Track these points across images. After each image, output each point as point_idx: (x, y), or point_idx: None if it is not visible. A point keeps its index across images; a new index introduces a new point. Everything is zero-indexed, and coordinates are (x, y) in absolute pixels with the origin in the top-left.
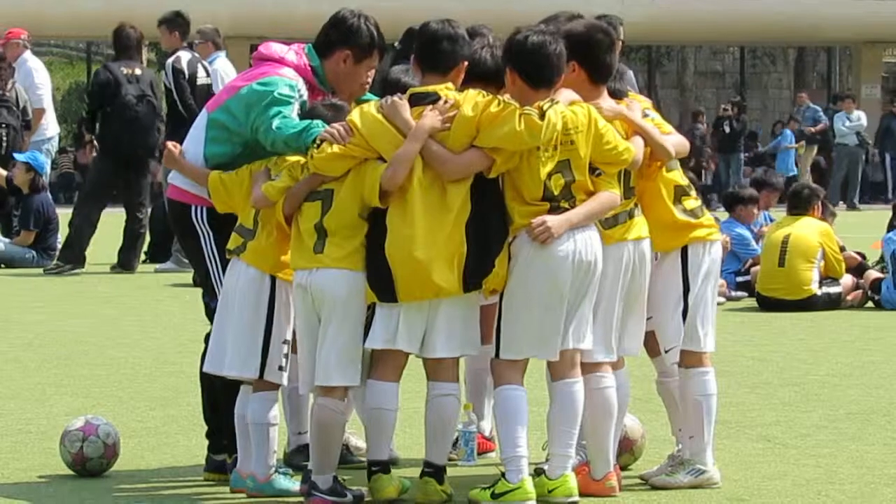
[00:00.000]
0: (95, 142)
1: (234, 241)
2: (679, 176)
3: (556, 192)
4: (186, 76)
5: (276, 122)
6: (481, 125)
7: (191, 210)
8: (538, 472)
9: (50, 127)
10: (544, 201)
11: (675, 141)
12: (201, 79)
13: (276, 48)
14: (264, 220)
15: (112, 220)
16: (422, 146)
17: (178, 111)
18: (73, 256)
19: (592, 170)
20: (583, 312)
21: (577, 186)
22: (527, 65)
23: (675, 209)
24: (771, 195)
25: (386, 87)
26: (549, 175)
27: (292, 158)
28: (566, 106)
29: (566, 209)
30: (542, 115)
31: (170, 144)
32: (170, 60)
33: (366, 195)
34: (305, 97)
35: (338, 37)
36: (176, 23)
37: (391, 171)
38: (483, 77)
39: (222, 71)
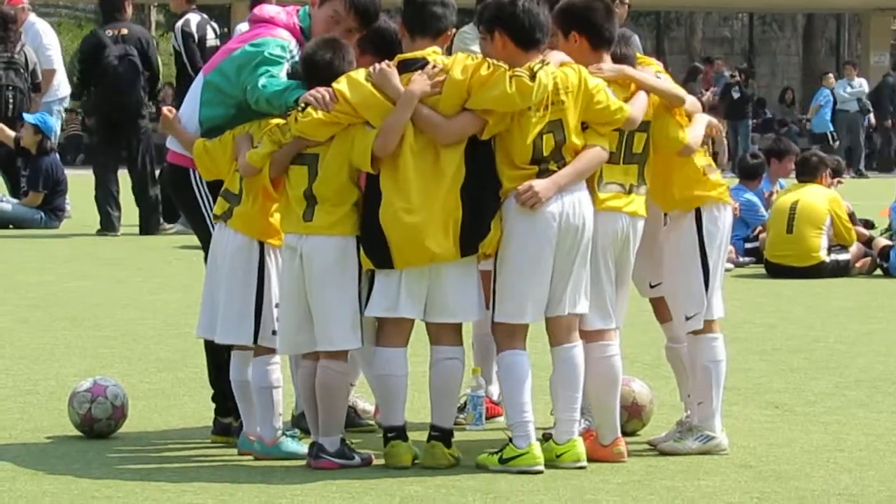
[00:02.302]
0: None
1: (220, 206)
2: (699, 157)
3: (545, 153)
4: (196, 39)
5: (261, 81)
6: (472, 88)
7: (189, 173)
8: (546, 438)
9: (62, 87)
10: (533, 164)
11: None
12: (210, 41)
13: (269, 9)
14: (249, 185)
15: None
16: (412, 112)
17: (189, 74)
18: (107, 223)
19: (584, 127)
20: (577, 277)
21: (567, 147)
22: (516, 27)
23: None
24: (790, 161)
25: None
26: (541, 134)
27: (273, 122)
28: (557, 67)
29: (554, 172)
30: (533, 77)
31: (165, 109)
32: (179, 24)
33: (356, 161)
34: (297, 58)
35: None
36: None
37: (382, 139)
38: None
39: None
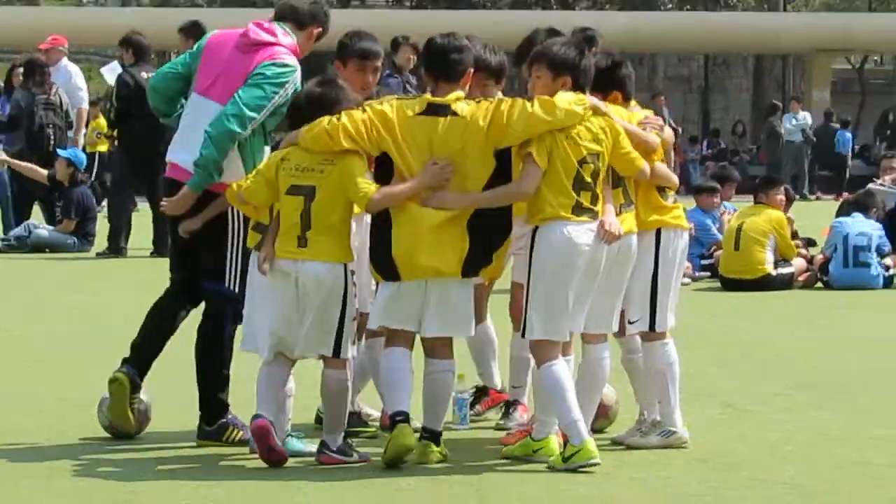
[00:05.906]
0: (117, 140)
1: (252, 239)
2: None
3: (587, 178)
4: None
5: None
6: (496, 127)
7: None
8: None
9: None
10: (575, 188)
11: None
12: None
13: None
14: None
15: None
16: (412, 194)
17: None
18: (116, 247)
19: None
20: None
21: (600, 179)
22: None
23: (656, 192)
24: (731, 187)
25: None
26: (584, 160)
27: (277, 155)
28: (591, 108)
29: (591, 208)
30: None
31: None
32: None
33: (352, 197)
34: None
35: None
36: (193, 32)
37: (377, 202)
38: (485, 70)
39: None
